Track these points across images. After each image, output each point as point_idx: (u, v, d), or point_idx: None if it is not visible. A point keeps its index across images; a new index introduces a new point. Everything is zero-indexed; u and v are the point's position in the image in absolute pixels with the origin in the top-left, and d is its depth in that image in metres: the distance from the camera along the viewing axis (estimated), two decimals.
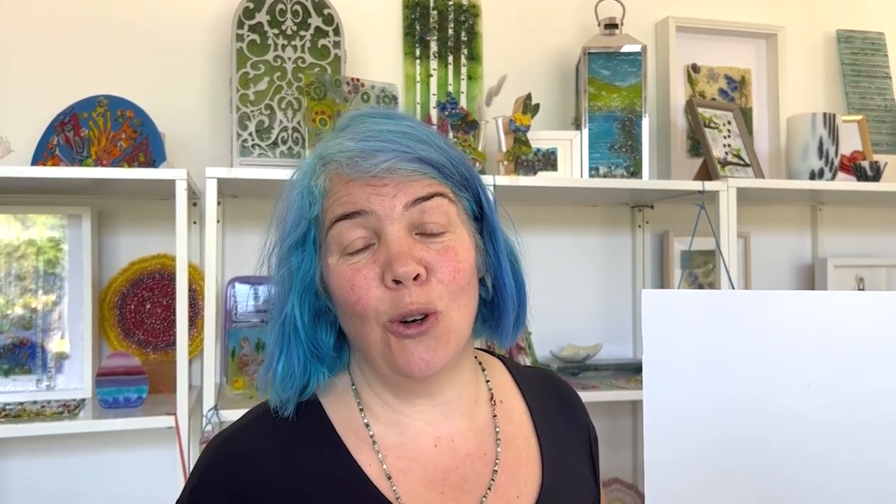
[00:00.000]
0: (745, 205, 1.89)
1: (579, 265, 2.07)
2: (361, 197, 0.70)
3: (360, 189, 0.70)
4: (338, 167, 0.72)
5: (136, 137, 1.62)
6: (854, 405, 0.73)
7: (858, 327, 0.75)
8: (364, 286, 0.69)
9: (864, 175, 1.98)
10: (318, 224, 0.73)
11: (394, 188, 0.70)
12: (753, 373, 0.73)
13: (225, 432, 0.78)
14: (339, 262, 0.71)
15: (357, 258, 0.71)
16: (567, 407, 0.90)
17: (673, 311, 0.74)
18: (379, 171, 0.70)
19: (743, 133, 2.04)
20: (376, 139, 0.71)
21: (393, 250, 0.69)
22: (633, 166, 1.93)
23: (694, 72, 2.15)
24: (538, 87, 1.97)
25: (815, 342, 0.72)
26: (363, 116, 0.76)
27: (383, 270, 0.69)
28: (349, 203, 0.71)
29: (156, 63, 1.81)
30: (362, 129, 0.73)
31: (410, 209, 0.71)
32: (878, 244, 2.28)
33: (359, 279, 0.70)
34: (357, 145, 0.71)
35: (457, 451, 0.77)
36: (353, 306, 0.70)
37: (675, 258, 2.08)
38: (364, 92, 1.73)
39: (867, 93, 2.27)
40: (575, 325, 2.03)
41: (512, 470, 0.78)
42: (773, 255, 2.21)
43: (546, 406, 0.87)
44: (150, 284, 1.78)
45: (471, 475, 0.76)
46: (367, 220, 0.70)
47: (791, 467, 0.74)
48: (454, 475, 0.75)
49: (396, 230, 0.70)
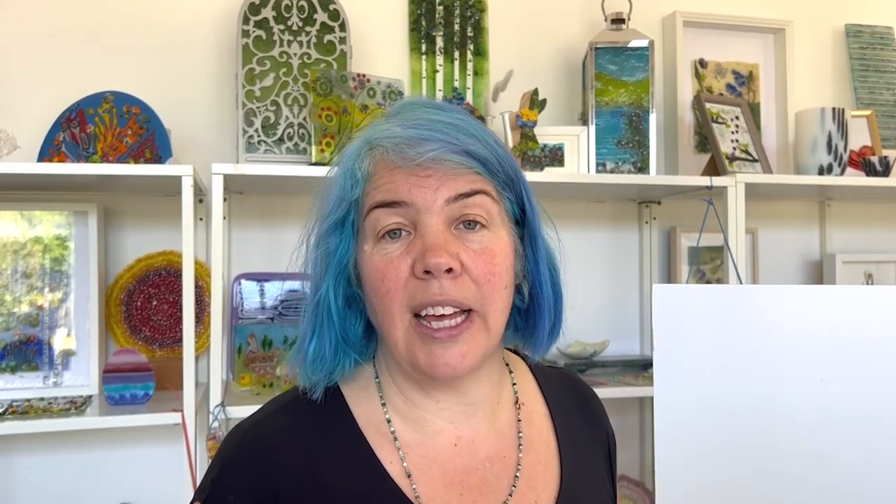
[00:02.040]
0: (753, 200, 1.88)
1: (586, 261, 2.07)
2: (404, 187, 0.69)
3: (404, 178, 0.69)
4: (383, 152, 0.70)
5: (142, 134, 1.62)
6: (867, 401, 0.72)
7: (870, 322, 0.74)
8: (394, 279, 0.68)
9: (874, 170, 1.96)
10: (357, 207, 0.72)
11: (437, 180, 0.69)
12: (765, 367, 0.72)
13: (246, 423, 0.77)
14: (373, 250, 0.70)
15: (390, 248, 0.69)
16: (587, 409, 0.89)
17: (684, 306, 0.73)
18: (424, 161, 0.68)
19: (751, 128, 2.02)
20: (424, 128, 0.69)
21: (428, 241, 0.67)
22: (640, 162, 1.92)
23: (701, 67, 2.14)
24: (545, 82, 1.96)
25: (827, 337, 0.71)
26: (415, 105, 0.74)
27: (415, 261, 0.68)
28: (390, 191, 0.69)
29: (161, 59, 1.81)
30: (412, 116, 0.71)
31: (452, 204, 0.69)
32: (887, 239, 2.27)
33: (390, 271, 0.69)
34: (405, 132, 0.69)
35: (476, 452, 0.75)
36: (380, 298, 0.69)
37: (683, 254, 2.07)
38: (370, 87, 1.72)
39: (876, 87, 2.25)
40: (582, 322, 2.02)
41: (531, 475, 0.77)
42: (781, 251, 2.19)
43: (567, 409, 0.85)
44: (157, 281, 1.78)
45: (489, 478, 0.75)
46: (406, 210, 0.69)
47: (803, 463, 0.73)
48: (473, 477, 0.74)
49: (434, 223, 0.68)
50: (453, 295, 0.68)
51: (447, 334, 0.68)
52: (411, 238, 0.69)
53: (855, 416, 0.71)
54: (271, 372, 1.65)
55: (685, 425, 0.72)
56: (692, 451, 0.73)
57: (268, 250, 1.85)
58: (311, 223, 0.76)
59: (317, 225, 0.74)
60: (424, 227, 0.68)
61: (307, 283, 0.76)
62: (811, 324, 0.72)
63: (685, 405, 0.73)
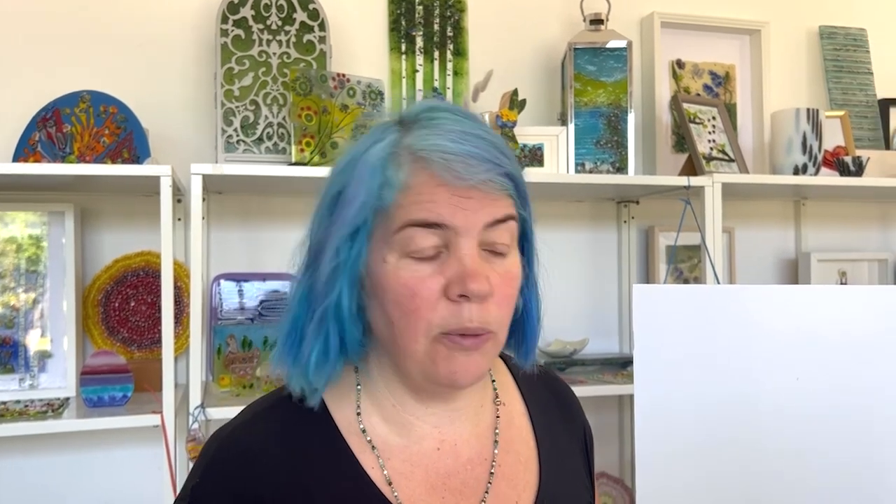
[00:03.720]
0: (730, 200, 1.90)
1: (565, 260, 2.08)
2: (446, 208, 0.66)
3: (447, 197, 0.66)
4: (428, 165, 0.67)
5: (119, 133, 1.61)
6: (840, 397, 0.74)
7: (843, 320, 0.75)
8: (427, 297, 0.67)
9: (847, 170, 1.99)
10: (383, 214, 0.68)
11: (478, 202, 0.67)
12: (742, 365, 0.74)
13: (227, 428, 0.76)
14: (399, 263, 0.68)
15: (422, 266, 0.68)
16: (564, 406, 0.89)
17: (663, 306, 0.74)
18: (474, 183, 0.66)
19: (727, 128, 2.05)
20: (471, 144, 0.67)
21: (468, 266, 0.67)
22: (618, 162, 1.94)
23: (679, 67, 2.16)
24: (524, 82, 1.97)
25: (803, 335, 0.73)
26: (445, 112, 0.71)
27: (450, 283, 0.67)
28: (432, 211, 0.66)
29: (139, 58, 1.79)
30: (451, 127, 0.68)
31: (487, 229, 0.68)
32: (861, 238, 2.31)
33: (423, 289, 0.67)
34: (455, 146, 0.66)
35: (459, 455, 0.76)
36: (407, 314, 0.68)
37: (661, 253, 2.09)
38: (350, 87, 1.72)
39: (849, 88, 2.29)
40: (561, 320, 2.04)
41: (512, 475, 0.77)
42: (757, 250, 2.22)
43: (544, 406, 0.86)
44: (135, 282, 1.77)
45: (470, 480, 0.75)
46: (444, 231, 0.67)
47: (780, 458, 0.74)
48: (454, 480, 0.75)
49: (472, 246, 0.68)
50: (482, 320, 0.68)
51: (472, 342, 0.69)
52: (443, 258, 0.68)
53: (829, 412, 0.72)
54: (251, 373, 1.64)
55: (664, 422, 0.73)
56: (671, 447, 0.74)
57: (247, 250, 1.84)
58: (318, 218, 0.73)
59: (328, 223, 0.71)
60: (461, 249, 0.67)
61: (302, 282, 0.73)
62: (787, 322, 0.73)
63: (664, 402, 0.74)
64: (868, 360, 0.75)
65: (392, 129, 0.70)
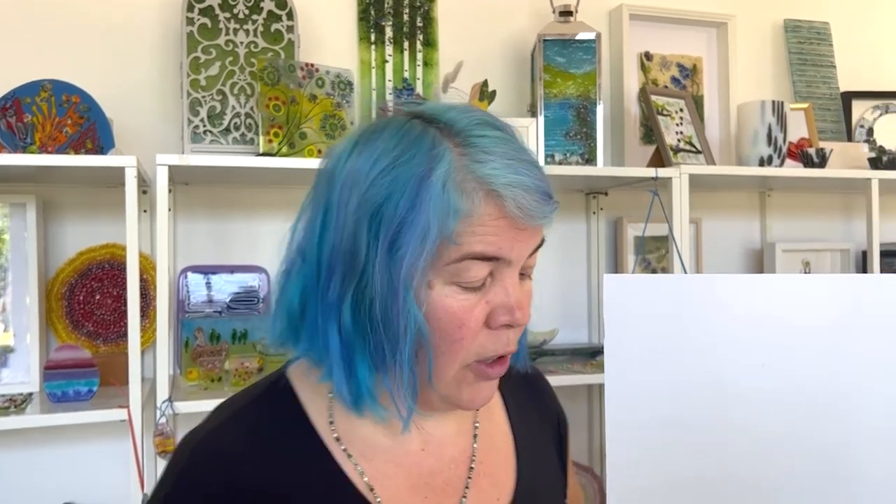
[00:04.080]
0: (697, 191, 1.93)
1: None
2: (507, 242, 0.65)
3: (508, 231, 0.65)
4: (499, 199, 0.64)
5: (82, 123, 1.57)
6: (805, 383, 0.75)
7: (807, 308, 0.77)
8: (473, 328, 0.66)
9: (811, 162, 2.03)
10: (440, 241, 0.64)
11: (531, 234, 0.68)
12: (711, 354, 0.75)
13: (198, 434, 0.73)
14: (446, 291, 0.65)
15: (469, 295, 0.66)
16: (537, 394, 0.90)
17: (634, 295, 0.75)
18: (539, 221, 0.66)
19: (695, 120, 2.07)
20: (536, 176, 0.66)
21: (514, 296, 0.67)
22: (587, 153, 1.95)
23: (647, 59, 2.17)
24: (494, 73, 1.97)
25: (769, 323, 0.74)
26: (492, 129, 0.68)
27: (495, 312, 0.67)
28: (495, 245, 0.65)
29: (102, 46, 1.76)
30: (508, 151, 0.66)
31: (528, 256, 0.69)
32: (824, 229, 2.35)
33: (470, 320, 0.66)
34: (527, 181, 0.65)
35: (443, 454, 0.76)
36: (451, 343, 0.66)
37: (629, 244, 2.11)
38: (319, 77, 1.70)
39: (813, 81, 2.33)
40: (532, 311, 2.04)
41: (493, 470, 0.78)
42: (723, 240, 2.25)
43: (519, 396, 0.86)
44: (100, 275, 1.74)
45: (453, 478, 0.75)
46: (497, 262, 0.66)
47: (748, 445, 0.76)
48: (438, 479, 0.74)
49: (516, 275, 0.68)
50: (513, 345, 0.70)
51: (497, 371, 0.70)
52: (487, 286, 0.67)
53: (794, 398, 0.74)
54: (220, 366, 1.62)
55: (634, 411, 0.74)
56: (642, 436, 0.75)
57: (214, 242, 1.82)
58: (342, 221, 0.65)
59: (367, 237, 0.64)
60: (508, 279, 0.67)
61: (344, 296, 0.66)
62: (753, 311, 0.75)
63: (634, 391, 0.75)
64: (832, 345, 0.76)
65: (441, 142, 0.65)
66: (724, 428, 0.76)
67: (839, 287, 0.78)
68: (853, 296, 0.78)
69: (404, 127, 0.67)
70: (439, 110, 0.69)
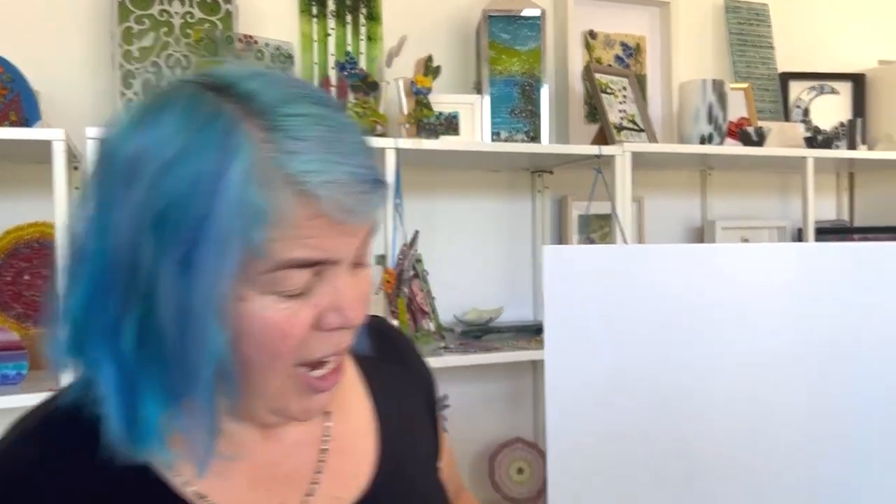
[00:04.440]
0: (640, 170, 1.94)
1: (481, 230, 2.08)
2: (330, 242, 0.56)
3: (328, 229, 0.55)
4: (313, 199, 0.54)
5: (5, 95, 1.50)
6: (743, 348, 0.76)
7: (744, 276, 0.78)
8: (298, 335, 0.57)
9: (750, 140, 2.07)
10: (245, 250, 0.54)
11: (361, 227, 0.59)
12: (651, 323, 0.75)
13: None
14: (264, 301, 0.56)
15: (292, 303, 0.57)
16: (402, 356, 0.82)
17: (574, 266, 0.74)
18: (366, 216, 0.57)
19: (638, 99, 2.08)
20: (356, 162, 0.56)
21: (347, 295, 0.58)
22: (532, 131, 1.95)
23: (591, 38, 2.18)
24: (439, 49, 1.95)
25: (707, 291, 0.75)
26: (306, 103, 0.57)
27: (324, 314, 0.58)
28: (315, 248, 0.56)
29: (27, 14, 1.67)
30: (326, 135, 0.55)
31: (360, 247, 0.60)
32: (762, 207, 2.41)
33: (295, 328, 0.57)
34: (345, 175, 0.55)
35: (287, 439, 0.67)
36: (274, 356, 0.58)
37: (574, 222, 2.12)
38: (258, 50, 1.65)
39: (752, 62, 2.37)
40: (477, 289, 2.05)
41: (348, 447, 0.70)
42: (665, 219, 2.29)
43: (378, 361, 0.76)
44: (28, 254, 1.66)
45: (301, 464, 0.67)
46: (325, 265, 0.57)
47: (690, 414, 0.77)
48: (283, 467, 0.66)
49: (347, 272, 0.59)
50: (349, 343, 0.62)
51: (331, 382, 0.62)
52: (313, 287, 0.58)
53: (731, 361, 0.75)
54: None
55: (576, 381, 0.74)
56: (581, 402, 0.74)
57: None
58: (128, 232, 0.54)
59: (158, 251, 0.53)
60: (338, 279, 0.58)
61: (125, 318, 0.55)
62: (692, 279, 0.75)
63: (575, 362, 0.75)
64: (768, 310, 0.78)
65: (238, 126, 0.54)
66: (663, 393, 0.77)
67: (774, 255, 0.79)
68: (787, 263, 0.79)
69: (193, 102, 0.55)
70: (239, 77, 0.56)
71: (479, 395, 2.07)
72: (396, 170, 1.63)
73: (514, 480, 2.00)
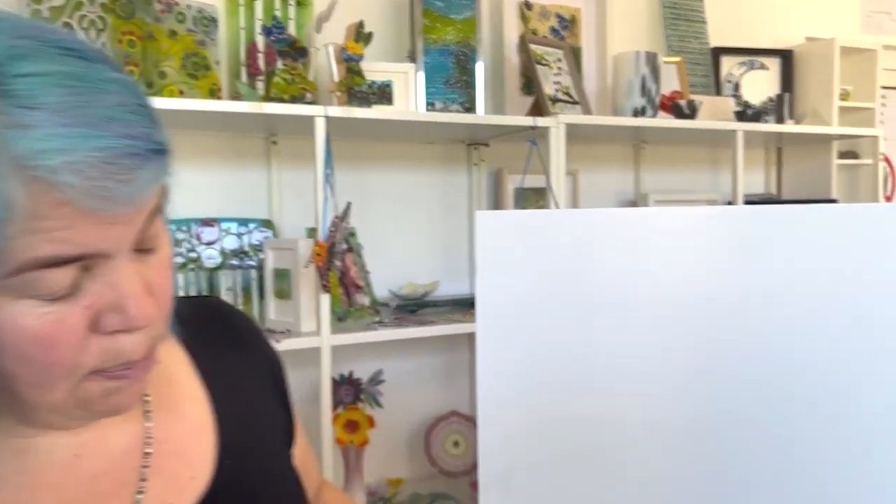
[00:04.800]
0: (574, 143, 1.94)
1: (416, 203, 2.05)
2: (90, 233, 0.46)
3: (84, 218, 0.45)
4: (55, 188, 0.44)
5: None
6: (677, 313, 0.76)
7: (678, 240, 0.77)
8: (69, 343, 0.48)
9: (682, 113, 2.08)
10: None
11: (134, 211, 0.48)
12: (585, 287, 0.74)
13: None
14: (19, 309, 0.47)
15: (56, 306, 0.48)
16: (240, 341, 0.73)
17: (507, 232, 0.72)
18: (131, 199, 0.47)
19: (572, 71, 2.08)
20: (122, 134, 0.46)
21: (128, 291, 0.49)
22: (468, 102, 1.92)
23: (527, 9, 2.15)
24: (371, 15, 1.89)
25: (642, 255, 0.74)
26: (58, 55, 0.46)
27: (101, 315, 0.49)
28: (70, 242, 0.46)
29: None
30: (83, 102, 0.45)
31: (140, 233, 0.50)
32: (693, 181, 2.45)
33: (64, 335, 0.48)
34: (110, 146, 0.45)
35: (108, 450, 0.58)
36: (45, 368, 0.49)
37: (510, 195, 2.11)
38: (179, 11, 1.57)
39: (685, 36, 2.39)
40: (413, 263, 2.02)
41: (181, 447, 0.62)
42: (600, 192, 2.30)
43: (212, 346, 0.69)
44: None
45: (126, 474, 0.58)
46: (88, 260, 0.48)
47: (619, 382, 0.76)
48: (104, 482, 0.57)
49: (125, 263, 0.49)
50: (148, 343, 0.53)
51: (135, 375, 0.54)
52: (82, 284, 0.48)
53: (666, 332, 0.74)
54: None
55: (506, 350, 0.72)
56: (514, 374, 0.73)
57: None
58: None
59: None
60: (115, 272, 0.49)
61: None
62: (626, 244, 0.74)
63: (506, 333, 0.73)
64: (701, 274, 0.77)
65: None
66: (597, 362, 0.75)
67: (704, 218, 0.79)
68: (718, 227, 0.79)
69: None
70: None
71: (414, 370, 2.05)
72: (327, 139, 1.58)
73: (451, 454, 1.99)
